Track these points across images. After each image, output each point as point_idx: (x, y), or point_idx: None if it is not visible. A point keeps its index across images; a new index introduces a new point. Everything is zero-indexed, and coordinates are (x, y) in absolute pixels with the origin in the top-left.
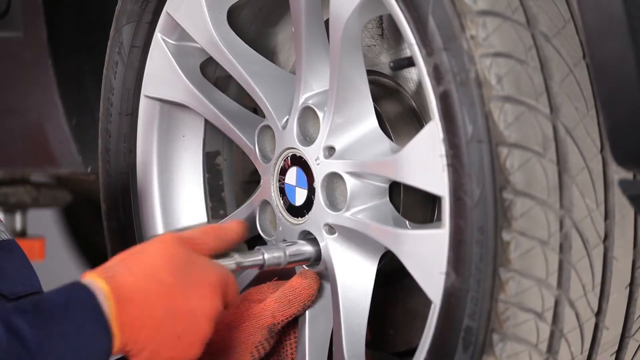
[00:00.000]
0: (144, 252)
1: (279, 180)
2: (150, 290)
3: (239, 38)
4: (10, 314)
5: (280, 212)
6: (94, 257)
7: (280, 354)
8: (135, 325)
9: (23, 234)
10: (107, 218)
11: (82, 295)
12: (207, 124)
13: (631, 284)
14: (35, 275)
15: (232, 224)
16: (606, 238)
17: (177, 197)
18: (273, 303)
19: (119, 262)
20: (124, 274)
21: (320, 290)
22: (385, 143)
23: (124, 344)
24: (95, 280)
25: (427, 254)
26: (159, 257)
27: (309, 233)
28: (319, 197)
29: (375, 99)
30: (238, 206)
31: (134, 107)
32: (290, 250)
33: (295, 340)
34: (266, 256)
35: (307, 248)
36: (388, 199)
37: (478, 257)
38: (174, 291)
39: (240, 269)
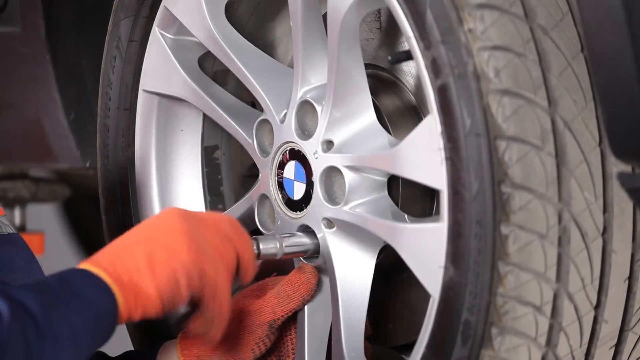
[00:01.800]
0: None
1: (278, 175)
2: (131, 235)
3: (237, 32)
4: (11, 290)
5: (279, 206)
6: (93, 251)
7: (281, 349)
8: (123, 264)
9: (22, 228)
10: (106, 212)
11: (75, 270)
12: (206, 118)
13: (630, 277)
14: (40, 269)
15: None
16: (605, 231)
17: (176, 191)
18: (272, 299)
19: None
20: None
21: (319, 285)
22: (383, 137)
23: (121, 289)
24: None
25: (425, 248)
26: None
27: (307, 227)
28: (318, 191)
29: (374, 93)
30: (237, 200)
31: (132, 101)
32: (287, 241)
33: (296, 335)
34: (261, 246)
35: (304, 240)
36: (387, 192)
37: (476, 251)
38: (157, 228)
39: None
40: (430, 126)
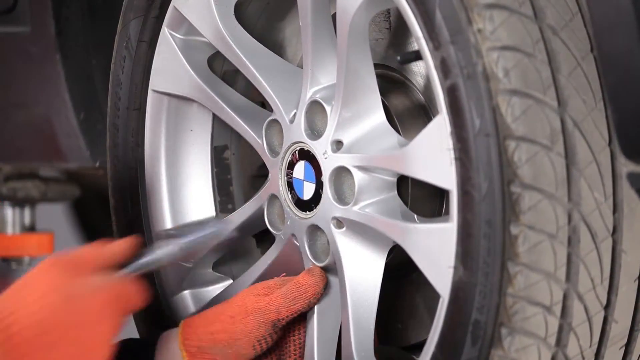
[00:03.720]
0: (29, 288)
1: (287, 175)
2: (40, 328)
3: (246, 32)
4: None
5: (289, 206)
6: None
7: (282, 349)
8: None
9: (32, 228)
10: (116, 212)
11: None
12: (215, 118)
13: None
14: None
15: (120, 244)
16: (615, 231)
17: (185, 191)
18: (279, 299)
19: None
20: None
21: (327, 287)
22: (393, 137)
23: None
24: None
25: (435, 248)
26: (43, 295)
27: (317, 227)
28: (327, 191)
29: (383, 93)
30: (246, 200)
31: (142, 101)
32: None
33: (299, 337)
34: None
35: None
36: (396, 192)
37: (486, 251)
38: (61, 329)
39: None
40: (440, 126)
